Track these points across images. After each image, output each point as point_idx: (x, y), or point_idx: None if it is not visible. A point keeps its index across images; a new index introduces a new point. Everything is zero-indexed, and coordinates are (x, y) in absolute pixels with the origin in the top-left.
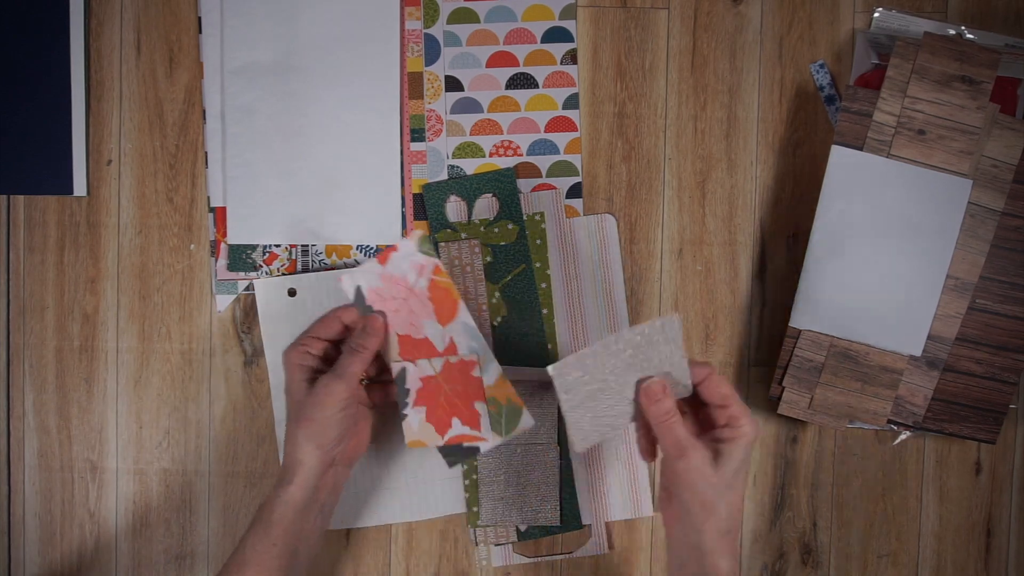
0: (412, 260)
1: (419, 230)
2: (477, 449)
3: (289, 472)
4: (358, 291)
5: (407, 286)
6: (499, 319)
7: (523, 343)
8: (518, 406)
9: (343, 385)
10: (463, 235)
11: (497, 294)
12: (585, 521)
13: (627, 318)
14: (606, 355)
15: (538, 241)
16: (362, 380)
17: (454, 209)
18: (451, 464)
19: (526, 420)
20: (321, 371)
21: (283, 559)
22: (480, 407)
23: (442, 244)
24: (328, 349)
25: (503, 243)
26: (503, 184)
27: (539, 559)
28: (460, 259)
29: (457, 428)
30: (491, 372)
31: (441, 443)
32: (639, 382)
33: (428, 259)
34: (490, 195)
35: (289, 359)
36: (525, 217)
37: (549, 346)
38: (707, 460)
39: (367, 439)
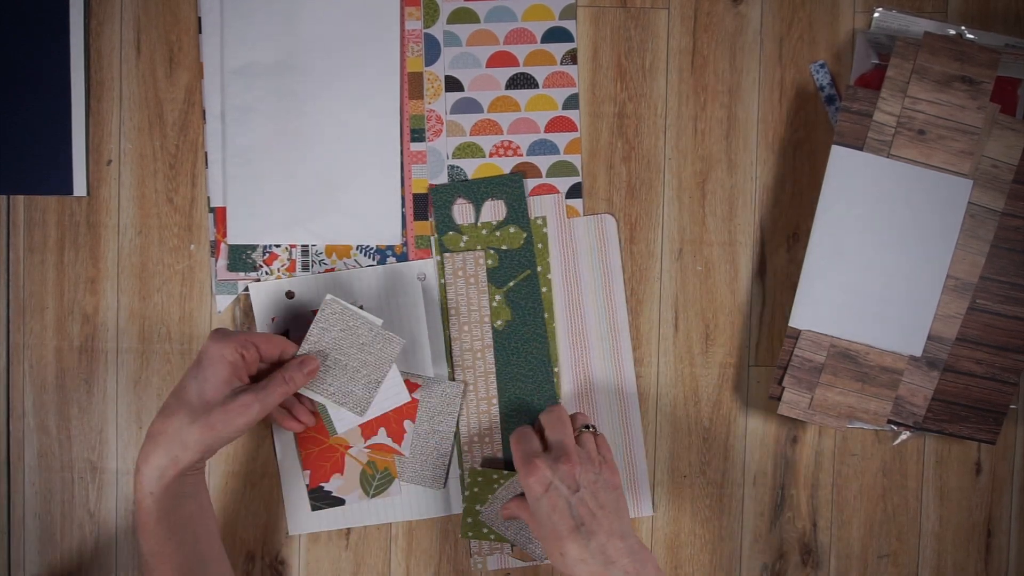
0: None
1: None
2: (343, 501)
3: (157, 461)
4: (285, 333)
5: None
6: (500, 323)
7: (525, 348)
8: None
9: (260, 410)
10: (465, 237)
11: (499, 298)
12: None
13: (627, 319)
14: (346, 324)
15: (539, 245)
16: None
17: (460, 211)
18: (314, 509)
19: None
20: (241, 379)
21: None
22: (408, 425)
23: (447, 255)
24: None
25: (509, 248)
26: (511, 189)
27: (536, 563)
28: (464, 270)
29: (382, 437)
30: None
31: (363, 445)
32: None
33: (323, 303)
34: (498, 199)
35: (223, 354)
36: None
37: (550, 350)
38: (529, 516)
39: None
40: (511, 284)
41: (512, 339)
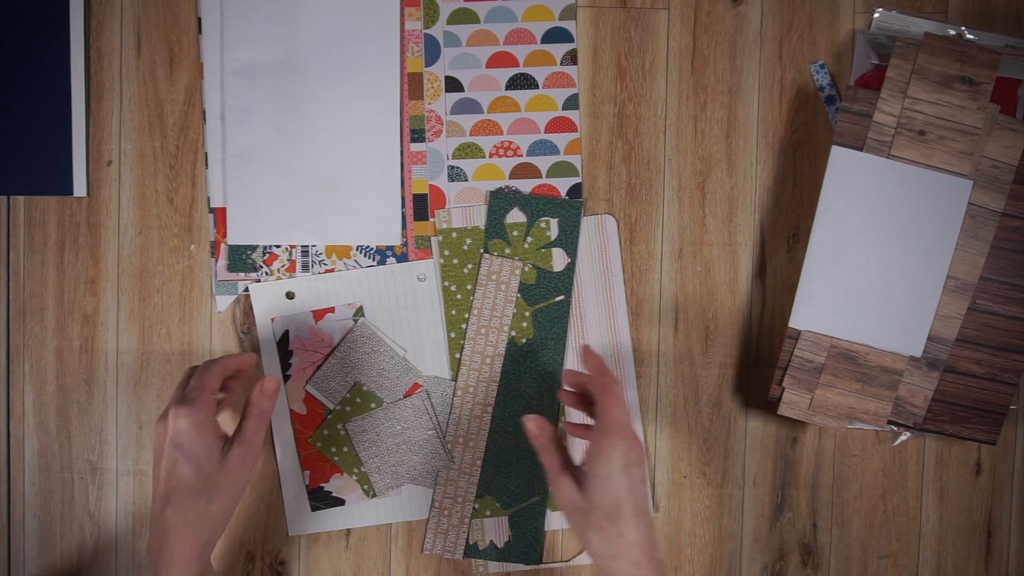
0: (341, 323)
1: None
2: (343, 501)
3: (181, 563)
4: (285, 334)
5: (330, 345)
6: (524, 340)
7: (539, 370)
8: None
9: (254, 455)
10: (509, 248)
11: (528, 315)
12: None
13: (628, 319)
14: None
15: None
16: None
17: (514, 222)
18: (314, 509)
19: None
20: (224, 436)
21: None
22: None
23: (485, 256)
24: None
25: (550, 269)
26: (569, 213)
27: (537, 567)
28: (499, 275)
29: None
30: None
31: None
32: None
33: (355, 325)
34: (553, 219)
35: (192, 423)
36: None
37: (560, 374)
38: (574, 484)
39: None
40: (542, 305)
41: (529, 357)
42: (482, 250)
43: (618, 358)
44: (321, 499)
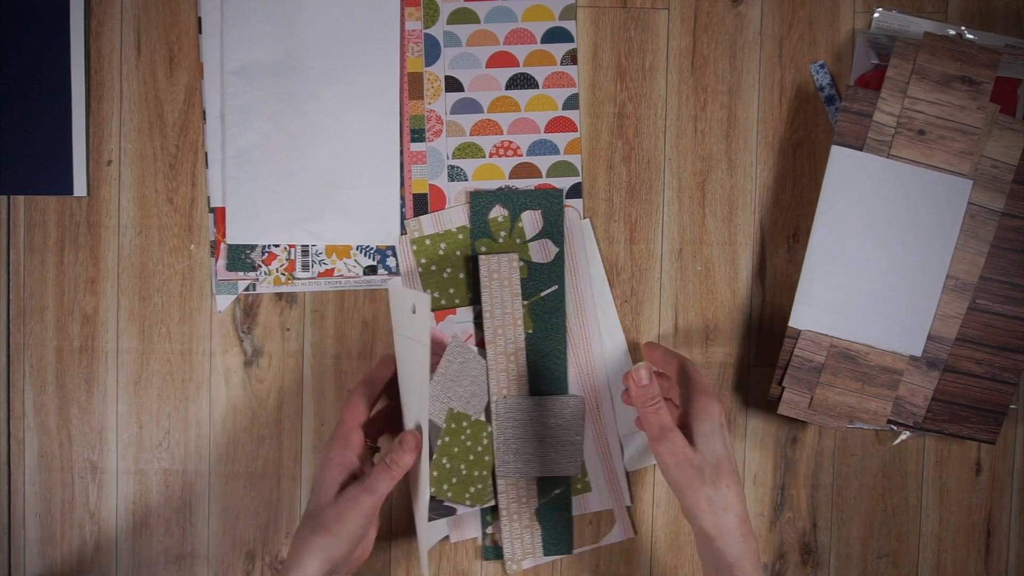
0: (461, 326)
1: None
2: (454, 510)
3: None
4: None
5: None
6: (526, 335)
7: (542, 362)
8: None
9: (372, 501)
10: (500, 240)
11: (525, 308)
12: (605, 506)
13: (616, 318)
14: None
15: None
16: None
17: (497, 220)
18: (429, 519)
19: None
20: (356, 473)
21: None
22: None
23: (482, 258)
24: (363, 441)
25: (540, 261)
26: (550, 203)
27: (563, 555)
28: (499, 272)
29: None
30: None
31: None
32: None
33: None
34: (535, 211)
35: (329, 457)
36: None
37: (567, 369)
38: (684, 441)
39: (371, 545)
40: (537, 297)
41: (531, 353)
42: (471, 252)
43: (610, 353)
44: (434, 509)
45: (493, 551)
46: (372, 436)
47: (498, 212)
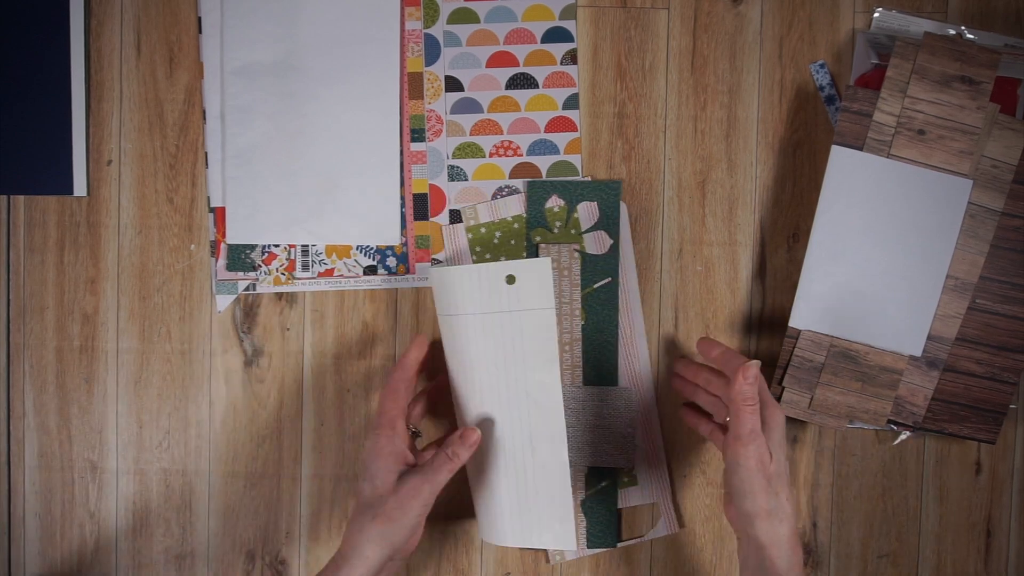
0: None
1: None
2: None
3: (349, 563)
4: None
5: None
6: (580, 325)
7: (595, 353)
8: None
9: (430, 490)
10: (555, 230)
11: (579, 299)
12: (649, 500)
13: (640, 310)
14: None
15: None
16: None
17: (553, 210)
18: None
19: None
20: (409, 463)
21: None
22: None
23: (542, 247)
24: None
25: (595, 253)
26: (607, 195)
27: (607, 549)
28: (559, 262)
29: None
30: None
31: None
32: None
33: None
34: (591, 203)
35: (378, 446)
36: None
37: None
38: (768, 450)
39: (422, 533)
40: (591, 289)
41: (584, 345)
42: (527, 241)
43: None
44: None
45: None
46: (412, 420)
47: (554, 202)
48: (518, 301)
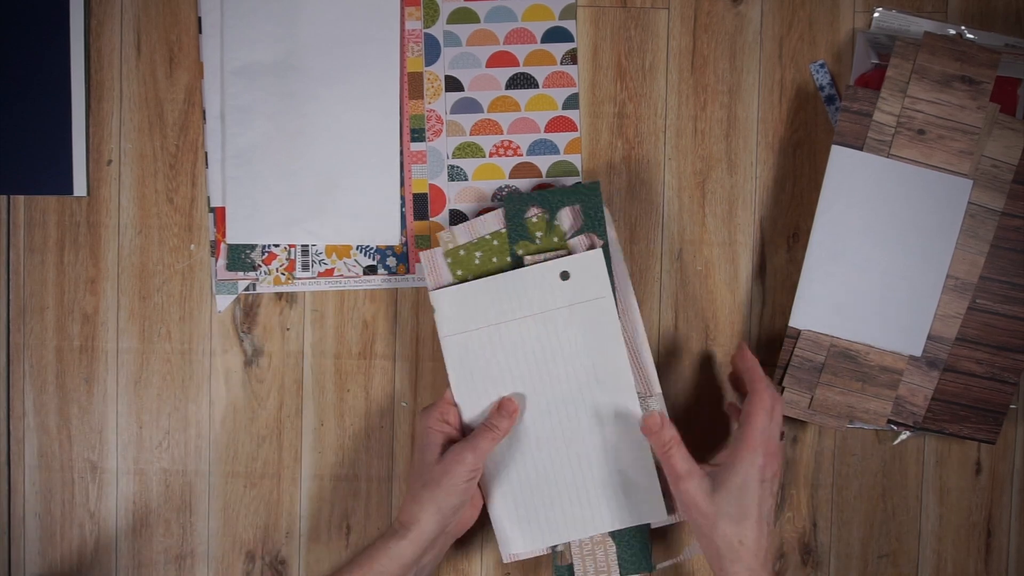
0: None
1: None
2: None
3: (404, 528)
4: None
5: None
6: None
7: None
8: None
9: (473, 456)
10: (537, 241)
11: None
12: (681, 518)
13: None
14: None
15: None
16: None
17: (533, 220)
18: None
19: None
20: (454, 439)
21: None
22: None
23: (527, 258)
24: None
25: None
26: (588, 198)
27: (644, 573)
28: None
29: None
30: None
31: None
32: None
33: None
34: (574, 207)
35: (426, 422)
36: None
37: None
38: (702, 489)
39: (475, 515)
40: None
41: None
42: (509, 257)
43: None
44: None
45: (566, 571)
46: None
47: (534, 213)
48: (573, 294)
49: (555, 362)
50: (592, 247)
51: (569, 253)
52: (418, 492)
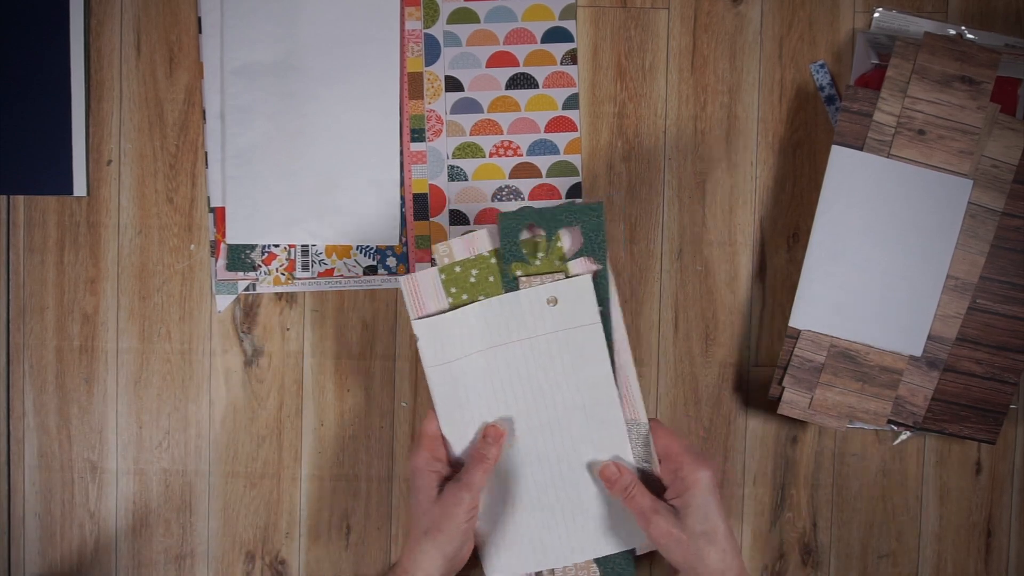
0: None
1: None
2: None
3: (407, 575)
4: None
5: None
6: None
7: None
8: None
9: (470, 495)
10: (536, 262)
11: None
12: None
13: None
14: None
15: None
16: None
17: (531, 240)
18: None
19: None
20: (447, 477)
21: None
22: None
23: (523, 279)
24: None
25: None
26: (589, 218)
27: None
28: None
29: None
30: None
31: None
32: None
33: None
34: (574, 228)
35: (416, 464)
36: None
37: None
38: (671, 522)
39: (471, 549)
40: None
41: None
42: (504, 279)
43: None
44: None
45: None
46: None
47: (531, 232)
48: (562, 320)
49: (542, 389)
50: (588, 271)
51: (567, 276)
52: (420, 539)
